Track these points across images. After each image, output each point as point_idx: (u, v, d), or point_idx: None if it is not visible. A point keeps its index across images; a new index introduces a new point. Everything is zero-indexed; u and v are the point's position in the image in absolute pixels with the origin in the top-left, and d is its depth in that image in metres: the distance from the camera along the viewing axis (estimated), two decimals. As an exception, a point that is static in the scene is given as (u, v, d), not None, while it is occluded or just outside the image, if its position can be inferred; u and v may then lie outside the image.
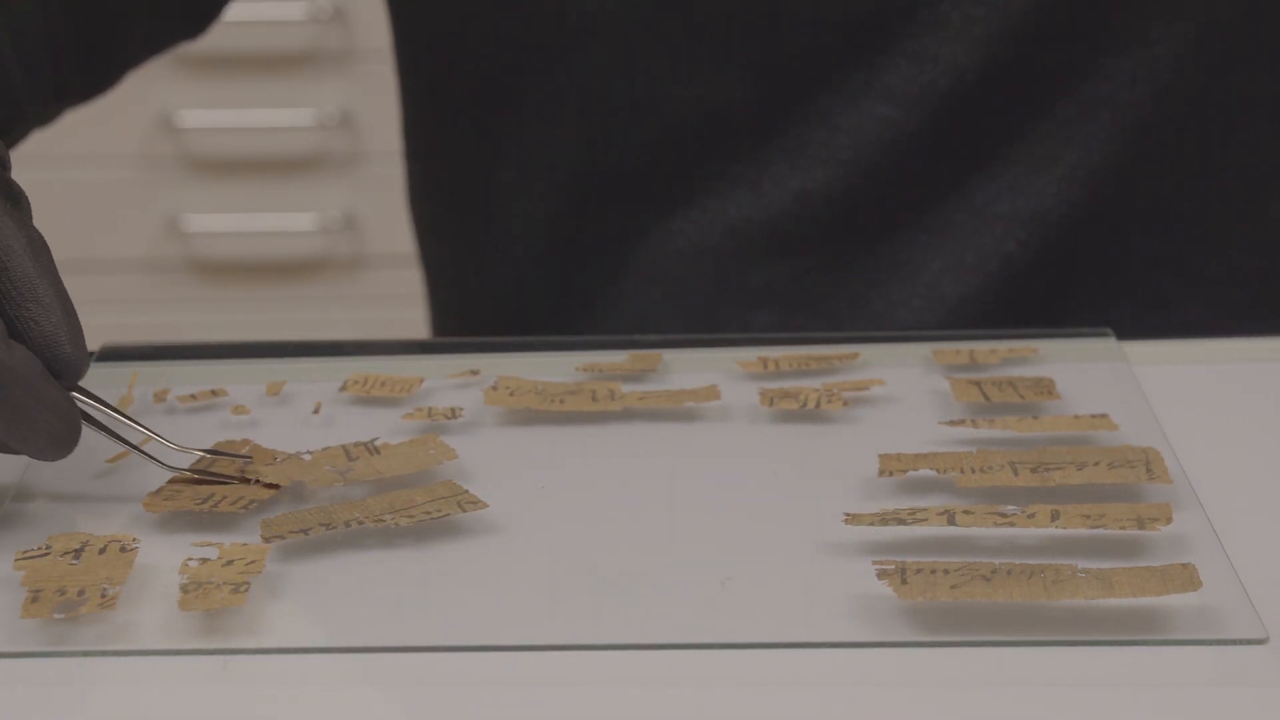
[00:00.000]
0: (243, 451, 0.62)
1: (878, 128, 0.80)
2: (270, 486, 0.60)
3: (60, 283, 0.56)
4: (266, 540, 0.57)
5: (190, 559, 0.56)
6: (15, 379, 0.54)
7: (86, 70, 0.77)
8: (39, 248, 0.56)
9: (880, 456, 0.61)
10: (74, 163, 1.81)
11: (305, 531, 0.57)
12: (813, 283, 0.83)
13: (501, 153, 0.85)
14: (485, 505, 0.59)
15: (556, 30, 0.81)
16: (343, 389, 0.68)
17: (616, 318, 0.85)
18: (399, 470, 0.61)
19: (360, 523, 0.58)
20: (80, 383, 0.58)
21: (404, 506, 0.58)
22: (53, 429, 0.56)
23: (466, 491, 0.59)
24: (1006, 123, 0.80)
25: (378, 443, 0.63)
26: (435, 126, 0.89)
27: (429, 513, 0.58)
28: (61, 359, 0.56)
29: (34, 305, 0.55)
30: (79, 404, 0.58)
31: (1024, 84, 0.79)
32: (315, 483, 0.60)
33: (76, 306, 0.57)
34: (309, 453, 0.62)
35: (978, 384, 0.67)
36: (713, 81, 0.80)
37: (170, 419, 0.67)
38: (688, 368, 0.70)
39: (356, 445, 0.63)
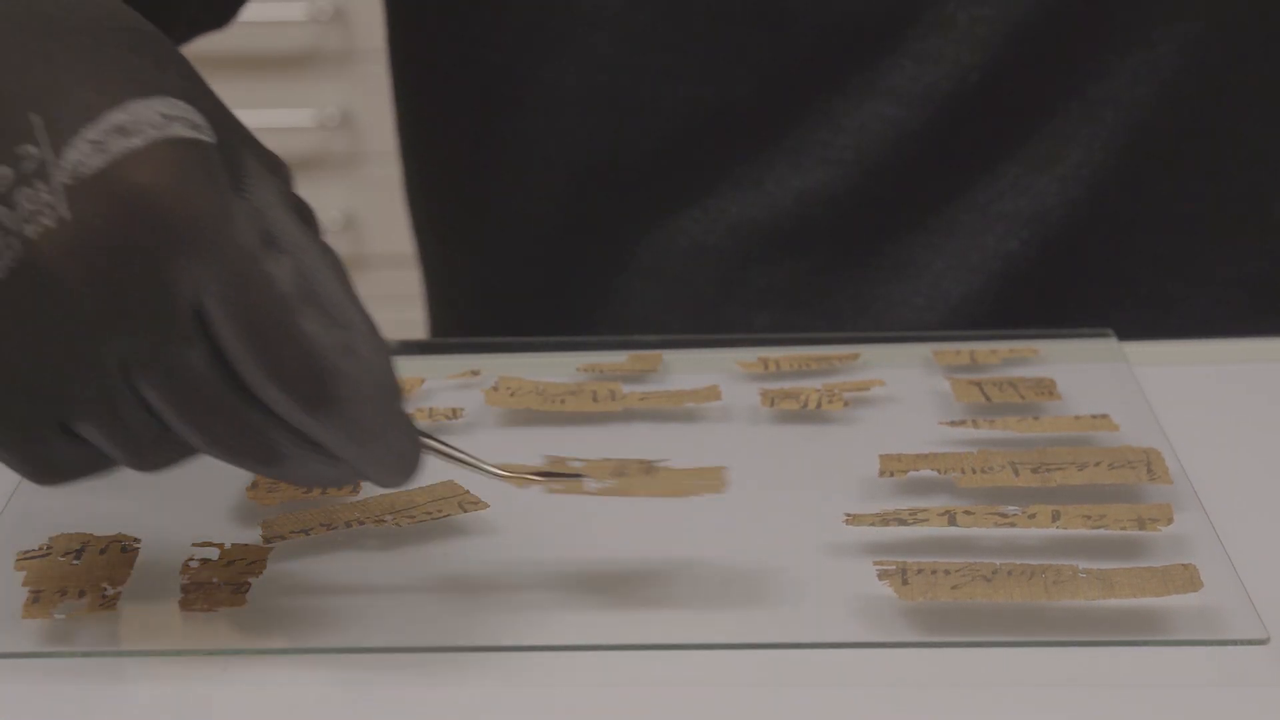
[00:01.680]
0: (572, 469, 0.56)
1: (881, 127, 0.80)
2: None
3: (364, 306, 0.51)
4: (267, 541, 0.57)
5: (191, 559, 0.56)
6: (367, 395, 0.49)
7: None
8: (340, 268, 0.51)
9: (881, 457, 0.61)
10: (74, 163, 1.81)
11: (306, 532, 0.57)
12: (815, 282, 0.83)
13: (502, 147, 0.85)
14: (486, 506, 0.59)
15: (561, 23, 0.81)
16: (343, 389, 0.68)
17: (617, 317, 0.85)
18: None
19: (361, 523, 0.58)
20: None
21: (404, 507, 0.58)
22: (402, 449, 0.51)
23: (467, 492, 0.59)
24: (1010, 122, 0.80)
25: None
26: (433, 120, 0.89)
27: (430, 513, 0.58)
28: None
29: (350, 330, 0.50)
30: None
31: (1027, 83, 0.79)
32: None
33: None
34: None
35: (978, 384, 0.67)
36: (716, 81, 0.80)
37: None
38: (688, 368, 0.70)
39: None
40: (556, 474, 0.55)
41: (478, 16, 0.83)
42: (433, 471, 0.61)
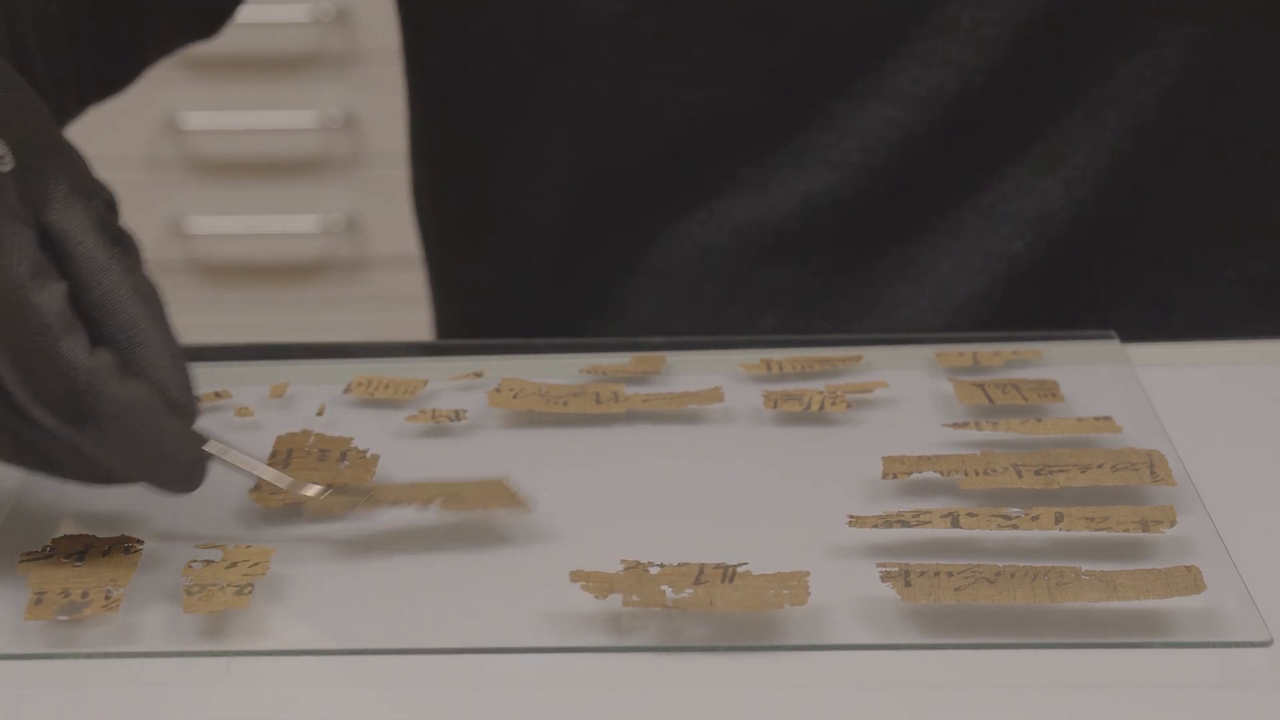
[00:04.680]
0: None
1: (886, 130, 0.80)
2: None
3: (168, 329, 0.55)
4: (311, 517, 0.57)
5: (194, 561, 0.56)
6: (133, 413, 0.53)
7: (103, 71, 0.77)
8: (147, 293, 0.55)
9: (884, 459, 0.61)
10: (77, 165, 1.81)
11: (350, 510, 0.57)
12: (820, 285, 0.83)
13: (509, 154, 0.85)
14: (529, 510, 0.58)
15: (565, 32, 0.81)
16: (346, 391, 0.68)
17: (622, 320, 0.85)
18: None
19: (406, 505, 0.57)
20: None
21: (452, 495, 0.58)
22: (176, 462, 0.54)
23: (515, 493, 0.58)
24: (1014, 124, 0.80)
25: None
26: (443, 127, 0.89)
27: (472, 507, 0.58)
28: (170, 404, 0.54)
29: (140, 350, 0.54)
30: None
31: (1032, 86, 0.79)
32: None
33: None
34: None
35: (981, 386, 0.67)
36: (721, 84, 0.80)
37: (174, 421, 0.67)
38: (691, 370, 0.70)
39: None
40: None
41: (484, 27, 0.83)
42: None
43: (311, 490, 0.58)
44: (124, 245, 0.56)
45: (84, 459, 0.54)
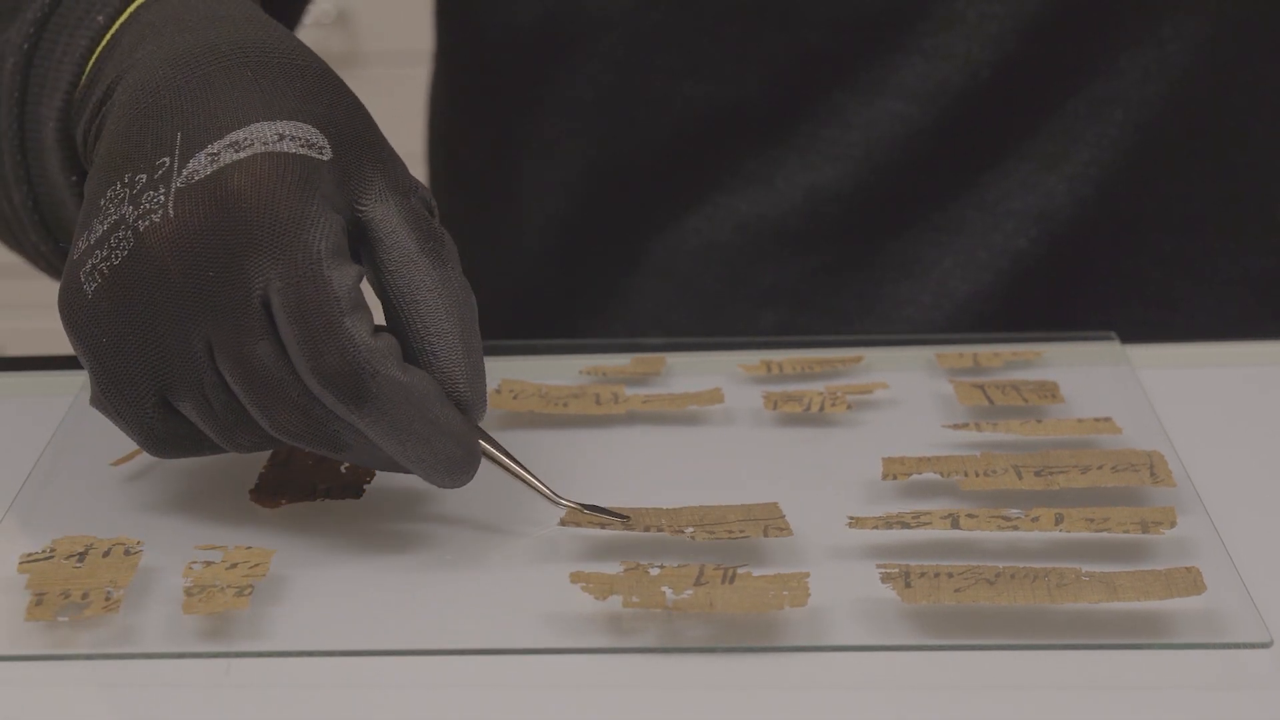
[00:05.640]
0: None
1: (890, 124, 0.80)
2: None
3: (470, 327, 0.56)
4: (564, 523, 0.57)
5: (194, 562, 0.56)
6: (407, 398, 0.54)
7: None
8: (453, 290, 0.56)
9: (884, 460, 0.61)
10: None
11: (600, 526, 0.57)
12: (822, 281, 0.83)
13: (517, 146, 0.85)
14: (790, 533, 0.57)
15: (571, 25, 0.81)
16: (346, 392, 0.68)
17: (627, 314, 0.85)
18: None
19: (660, 529, 0.57)
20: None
21: (712, 522, 0.58)
22: (449, 453, 0.55)
23: (781, 517, 0.58)
24: (1019, 120, 0.80)
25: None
26: (458, 115, 0.89)
27: (732, 531, 0.57)
28: (455, 397, 0.56)
29: (435, 340, 0.56)
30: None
31: (1037, 81, 0.79)
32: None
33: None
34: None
35: (981, 387, 0.67)
36: (726, 78, 0.81)
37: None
38: (691, 371, 0.70)
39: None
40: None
41: (494, 15, 0.83)
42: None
43: (569, 504, 0.58)
44: (439, 243, 0.57)
45: (367, 443, 0.55)
